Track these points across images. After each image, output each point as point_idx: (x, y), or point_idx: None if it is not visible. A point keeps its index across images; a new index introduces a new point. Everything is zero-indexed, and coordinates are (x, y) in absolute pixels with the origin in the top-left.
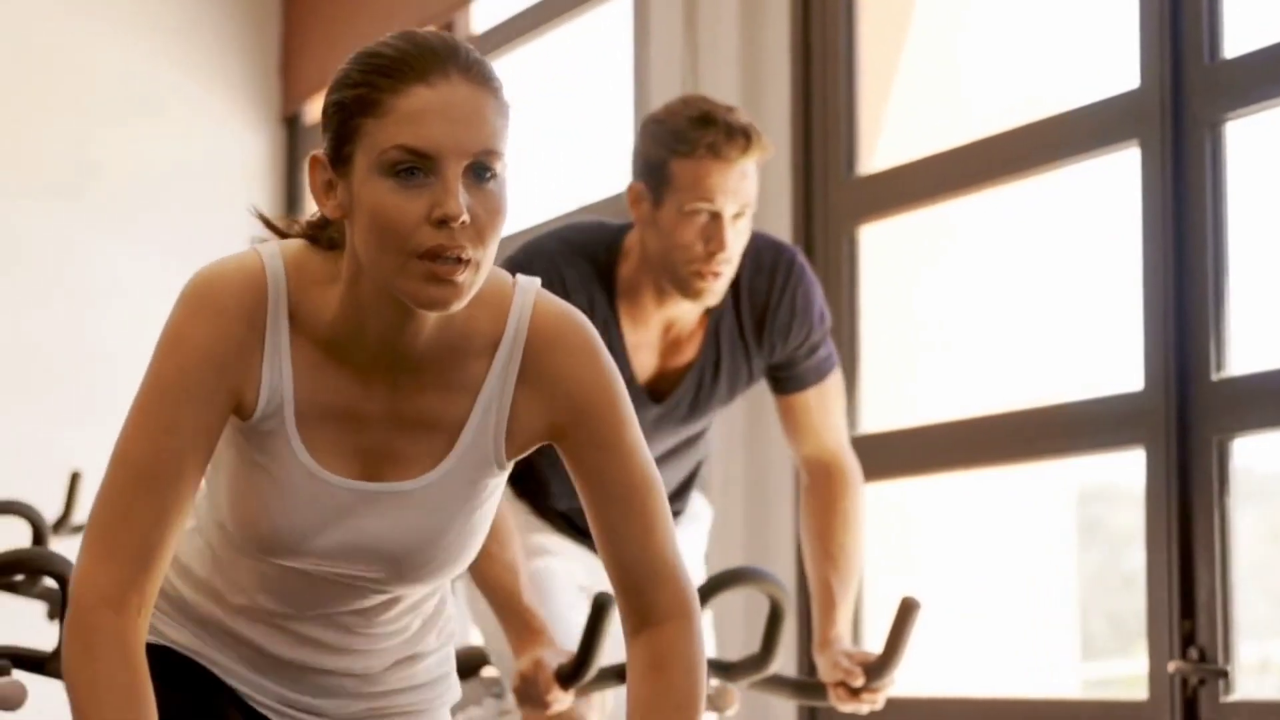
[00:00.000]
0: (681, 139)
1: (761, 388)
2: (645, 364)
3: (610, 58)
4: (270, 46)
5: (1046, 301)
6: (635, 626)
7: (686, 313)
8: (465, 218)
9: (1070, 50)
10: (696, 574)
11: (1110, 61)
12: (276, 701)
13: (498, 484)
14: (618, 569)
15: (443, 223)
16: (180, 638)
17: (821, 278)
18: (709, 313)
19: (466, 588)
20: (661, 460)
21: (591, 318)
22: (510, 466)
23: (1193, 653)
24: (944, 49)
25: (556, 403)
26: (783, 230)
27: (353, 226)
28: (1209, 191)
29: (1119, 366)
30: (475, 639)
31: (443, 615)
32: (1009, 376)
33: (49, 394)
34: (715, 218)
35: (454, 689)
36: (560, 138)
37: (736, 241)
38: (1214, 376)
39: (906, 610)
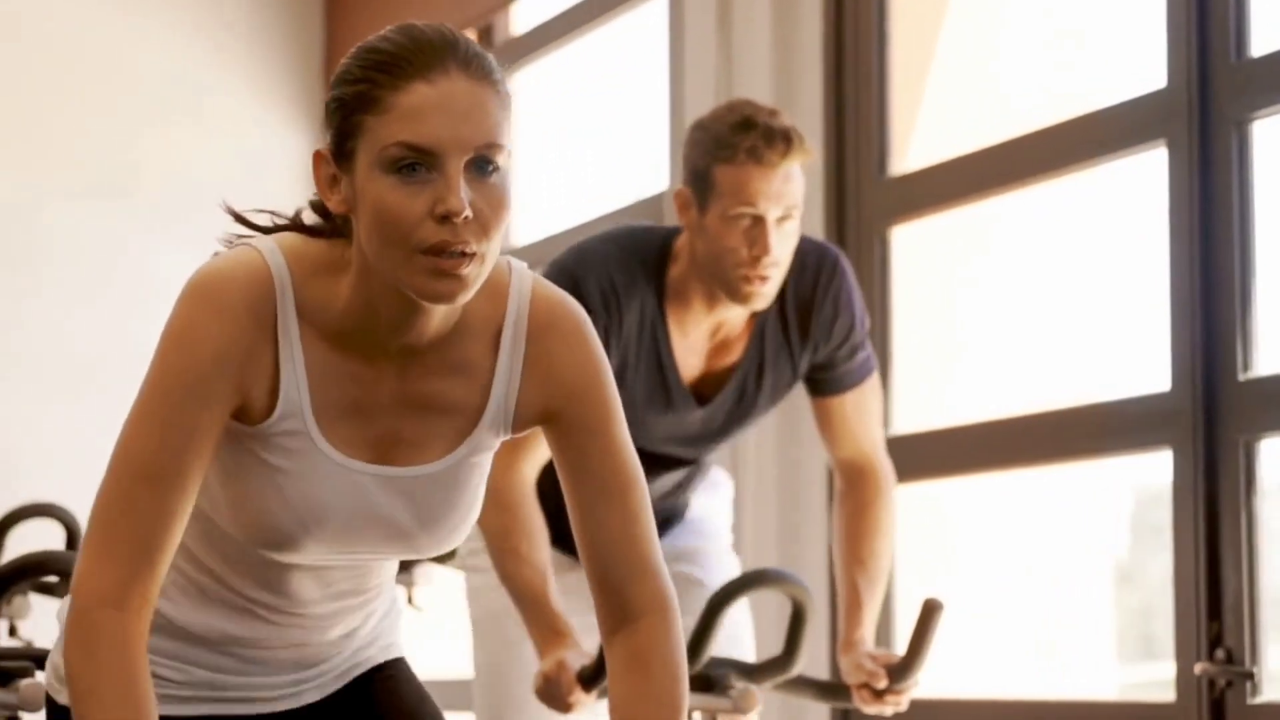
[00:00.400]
0: (723, 144)
1: (795, 389)
2: (691, 366)
3: (647, 59)
4: (313, 47)
5: (1075, 302)
6: (613, 624)
7: (734, 316)
8: (468, 213)
9: (1099, 50)
10: (724, 540)
11: (1139, 60)
12: (280, 689)
13: (491, 454)
14: (596, 562)
15: (445, 218)
16: (165, 693)
17: None
18: (755, 316)
19: (473, 629)
20: (694, 462)
21: (640, 321)
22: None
23: (1219, 654)
24: (976, 49)
25: (550, 386)
26: (815, 231)
27: (358, 221)
28: (1235, 190)
29: (1147, 367)
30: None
31: (387, 595)
32: (1040, 377)
33: (91, 395)
34: (759, 221)
35: (400, 606)
36: (598, 139)
37: (782, 245)
38: (1241, 377)
39: (929, 612)
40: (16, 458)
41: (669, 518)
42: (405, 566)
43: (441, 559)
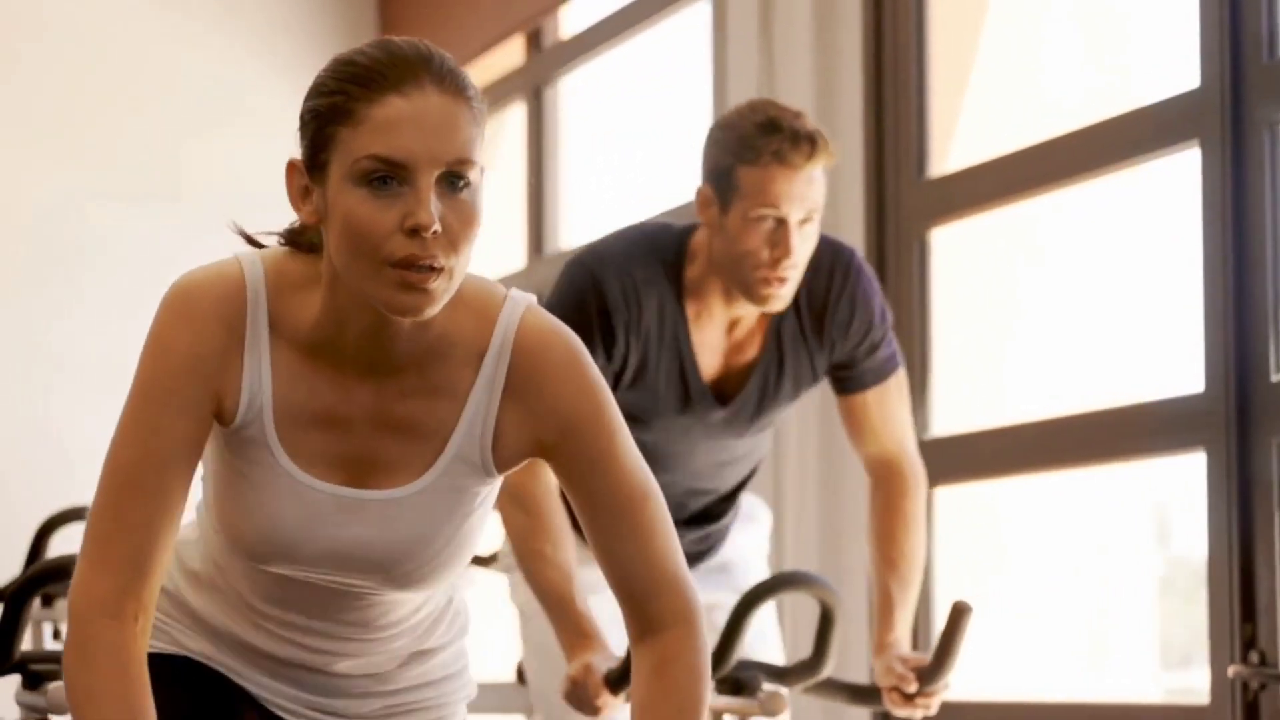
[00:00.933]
0: (747, 145)
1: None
2: (710, 364)
3: (692, 62)
4: None
5: (1110, 302)
6: (638, 634)
7: (749, 313)
8: (437, 227)
9: (1138, 50)
10: (759, 575)
11: (1177, 60)
12: (292, 703)
13: (489, 493)
14: (618, 580)
15: (415, 232)
16: (197, 646)
17: (893, 281)
18: (769, 313)
19: (520, 616)
20: (725, 463)
21: (660, 317)
22: (501, 478)
23: (1253, 657)
24: (1017, 51)
25: (543, 420)
26: (855, 233)
27: (328, 233)
28: (1268, 190)
29: (1181, 368)
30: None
31: (451, 609)
32: (1078, 378)
33: None
34: (781, 224)
35: (469, 685)
36: (645, 141)
37: (803, 247)
38: (1274, 377)
39: (959, 615)
40: (62, 461)
41: (707, 545)
42: None
43: (484, 561)
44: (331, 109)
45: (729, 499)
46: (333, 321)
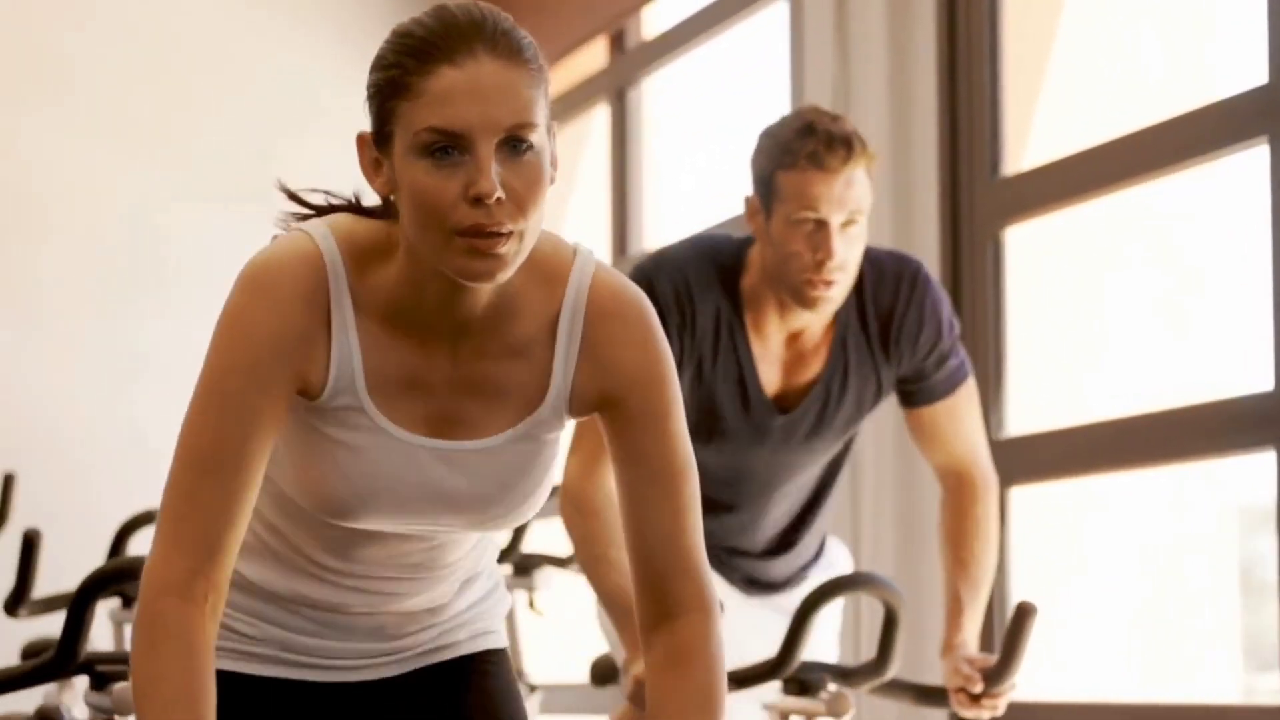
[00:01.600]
0: (785, 150)
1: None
2: (771, 376)
3: (772, 62)
4: None
5: (1184, 299)
6: (653, 621)
7: (811, 326)
8: (500, 194)
9: (1214, 45)
10: (831, 650)
11: (1248, 56)
12: (341, 658)
13: (559, 435)
14: (641, 553)
15: (478, 200)
16: (239, 625)
17: (967, 281)
18: (834, 326)
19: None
20: (781, 481)
21: (718, 327)
22: (572, 421)
23: None
24: (1091, 48)
25: (609, 373)
26: (929, 233)
27: (400, 204)
28: None
29: (1253, 366)
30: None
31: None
32: (1153, 376)
33: None
34: (821, 226)
35: (506, 598)
36: (728, 141)
37: (847, 250)
38: None
39: (1023, 616)
40: (146, 462)
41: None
42: (524, 570)
43: (561, 563)
44: (390, 83)
45: (799, 527)
46: (411, 289)
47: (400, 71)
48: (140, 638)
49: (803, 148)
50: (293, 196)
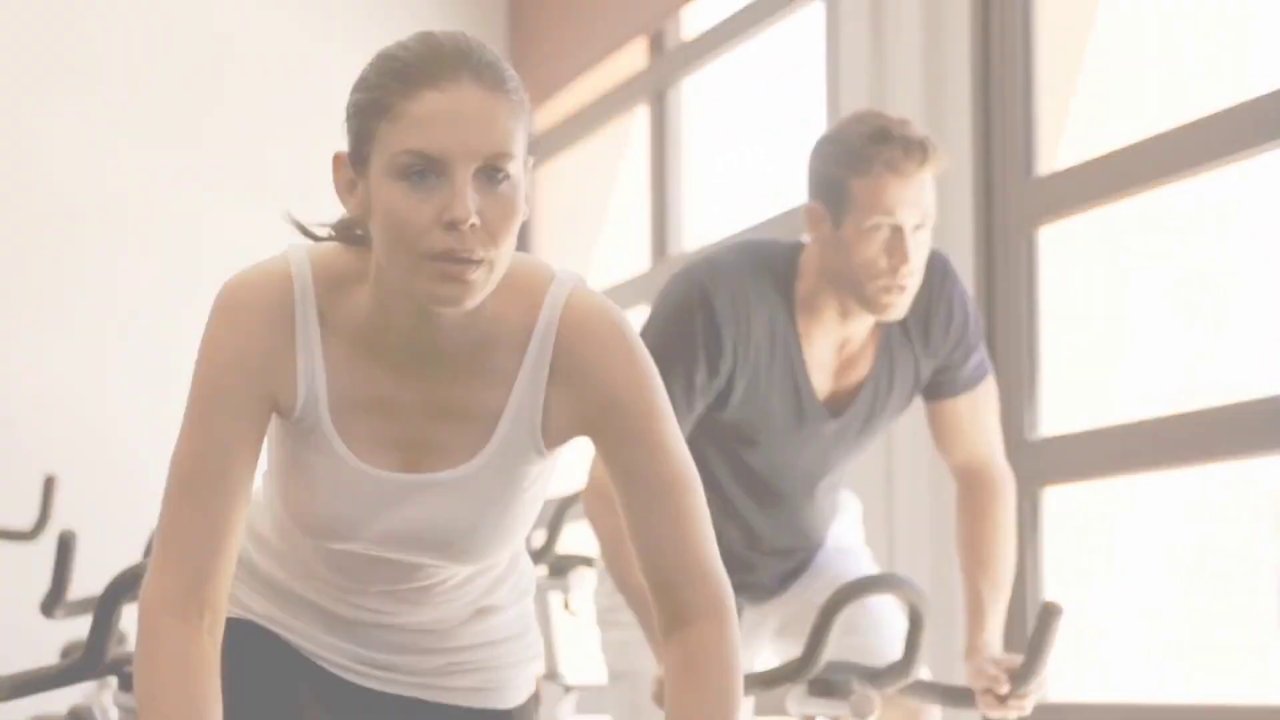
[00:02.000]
0: (858, 156)
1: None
2: (822, 381)
3: (808, 62)
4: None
5: (1220, 298)
6: (668, 626)
7: (859, 330)
8: (474, 220)
9: (1246, 44)
10: (862, 561)
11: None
12: (352, 660)
13: (542, 470)
14: (650, 566)
15: (452, 225)
16: (255, 604)
17: (1001, 280)
18: (878, 328)
19: (610, 676)
20: (826, 473)
21: (771, 333)
22: (554, 454)
23: None
24: (1125, 47)
25: (586, 396)
26: (963, 233)
27: (372, 226)
28: None
29: None
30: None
31: (515, 571)
32: (1189, 376)
33: None
34: (897, 231)
35: (534, 648)
36: (767, 141)
37: (919, 254)
38: None
39: (1049, 616)
40: None
41: (806, 549)
42: (559, 571)
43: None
44: (372, 104)
45: (830, 502)
46: (380, 313)
47: (383, 93)
48: (140, 656)
49: (879, 154)
50: (301, 228)
